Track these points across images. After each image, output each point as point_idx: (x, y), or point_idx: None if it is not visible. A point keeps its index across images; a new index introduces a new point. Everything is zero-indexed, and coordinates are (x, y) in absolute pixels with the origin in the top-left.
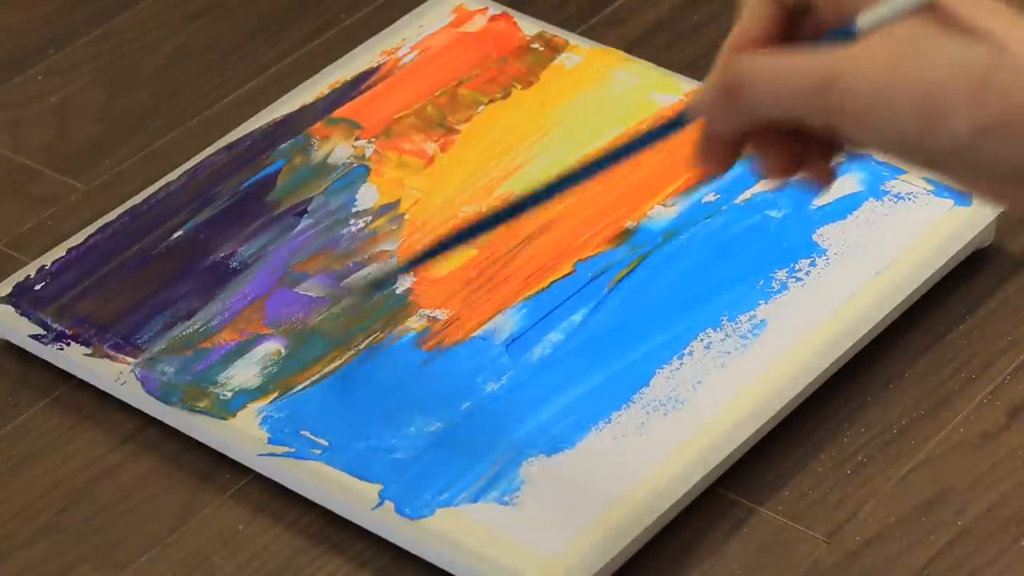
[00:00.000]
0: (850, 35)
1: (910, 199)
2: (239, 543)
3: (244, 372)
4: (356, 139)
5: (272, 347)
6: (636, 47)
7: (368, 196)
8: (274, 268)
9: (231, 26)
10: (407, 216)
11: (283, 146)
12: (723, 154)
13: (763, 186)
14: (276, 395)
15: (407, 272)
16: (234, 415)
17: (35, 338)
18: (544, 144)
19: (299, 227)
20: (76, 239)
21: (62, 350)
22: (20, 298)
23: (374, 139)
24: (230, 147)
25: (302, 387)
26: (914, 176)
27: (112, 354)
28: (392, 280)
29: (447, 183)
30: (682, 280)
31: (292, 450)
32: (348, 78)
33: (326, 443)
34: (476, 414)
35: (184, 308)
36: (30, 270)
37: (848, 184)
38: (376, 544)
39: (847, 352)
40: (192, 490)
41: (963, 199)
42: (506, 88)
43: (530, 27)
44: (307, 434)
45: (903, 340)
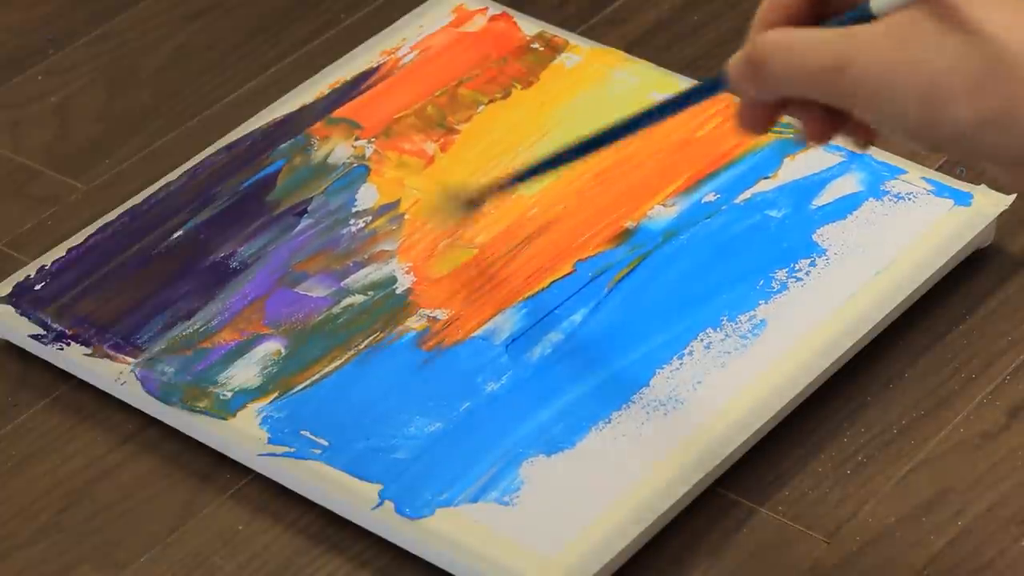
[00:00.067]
0: (864, 16)
1: (910, 199)
2: (239, 543)
3: (244, 372)
4: (356, 139)
5: (272, 347)
6: (636, 47)
7: (368, 196)
8: (274, 268)
9: (231, 26)
10: (407, 216)
11: (283, 146)
12: (762, 118)
13: (765, 184)
14: (276, 395)
15: (512, 186)
16: (234, 415)
17: (35, 338)
18: (544, 144)
19: (299, 227)
20: (76, 239)
21: (62, 350)
22: (20, 298)
23: (374, 139)
24: (230, 147)
25: (302, 387)
26: (914, 176)
27: (112, 354)
28: (483, 200)
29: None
30: (682, 280)
31: (292, 450)
32: (348, 78)
33: (326, 443)
34: (476, 414)
35: (184, 308)
36: (30, 270)
37: (848, 184)
38: (376, 544)
39: (847, 352)
40: (192, 490)
41: (963, 199)
42: (506, 88)
43: (530, 27)
44: (307, 434)
45: (903, 340)
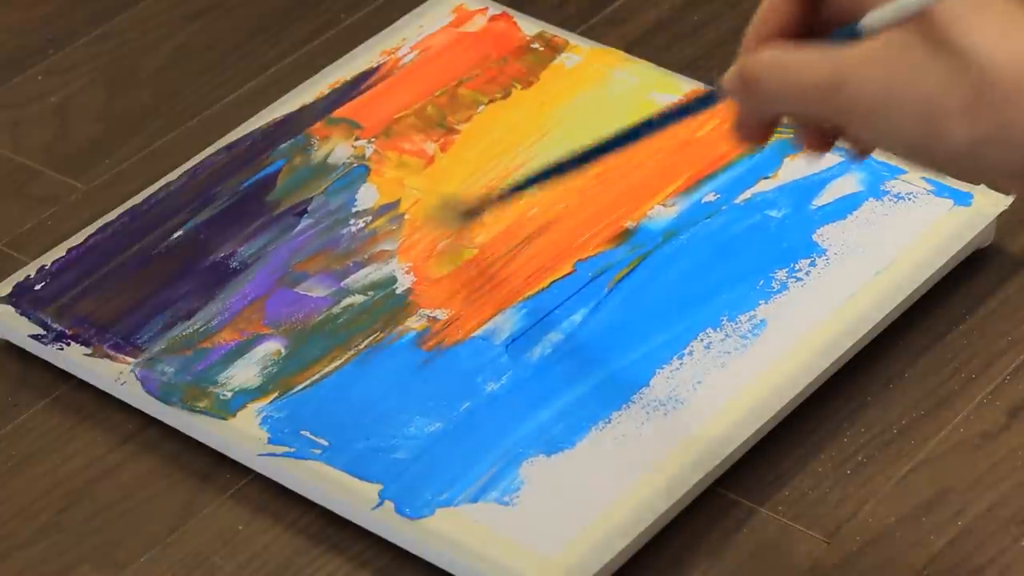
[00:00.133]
0: (856, 34)
1: (910, 199)
2: (239, 543)
3: (244, 372)
4: (356, 139)
5: (272, 347)
6: (636, 47)
7: (368, 196)
8: (274, 268)
9: (231, 26)
10: (407, 216)
11: (283, 146)
12: (759, 130)
13: (765, 184)
14: (276, 395)
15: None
16: (234, 415)
17: (35, 338)
18: (544, 144)
19: (299, 227)
20: (76, 239)
21: (62, 350)
22: (20, 298)
23: (374, 139)
24: (230, 147)
25: (302, 387)
26: (914, 176)
27: (112, 354)
28: (483, 209)
29: (447, 183)
30: (682, 280)
31: (292, 450)
32: (348, 78)
33: (326, 443)
34: (476, 414)
35: (184, 308)
36: (30, 270)
37: (848, 184)
38: (376, 544)
39: (847, 352)
40: (192, 490)
41: (963, 199)
42: (506, 88)
43: (530, 27)
44: (307, 434)
45: (903, 340)
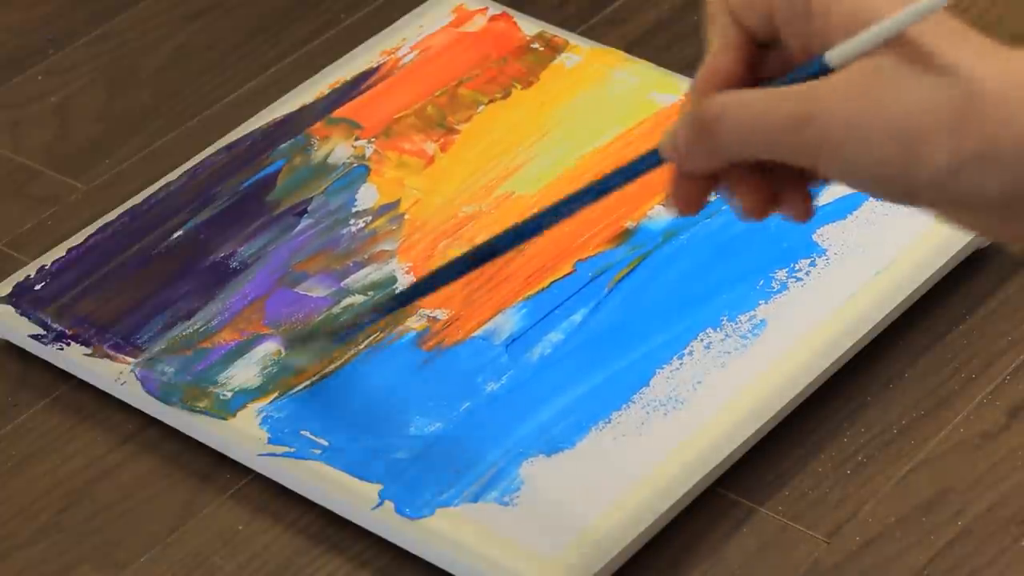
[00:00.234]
0: (821, 70)
1: None
2: (239, 543)
3: (244, 372)
4: (356, 139)
5: (272, 347)
6: (636, 47)
7: (368, 196)
8: (274, 268)
9: (231, 26)
10: (407, 216)
11: (283, 146)
12: (696, 195)
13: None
14: (276, 395)
15: (382, 317)
16: (234, 415)
17: (35, 338)
18: (544, 144)
19: (299, 227)
20: (76, 239)
21: (62, 350)
22: (20, 298)
23: (374, 139)
24: (230, 147)
25: (302, 387)
26: None
27: (112, 354)
28: (364, 323)
29: (447, 183)
30: (682, 280)
31: (292, 450)
32: (348, 78)
33: (326, 443)
34: (476, 414)
35: (184, 308)
36: (30, 270)
37: None
38: (376, 544)
39: (847, 352)
40: (192, 490)
41: None
42: (506, 88)
43: (530, 27)
44: (307, 434)
45: (903, 340)
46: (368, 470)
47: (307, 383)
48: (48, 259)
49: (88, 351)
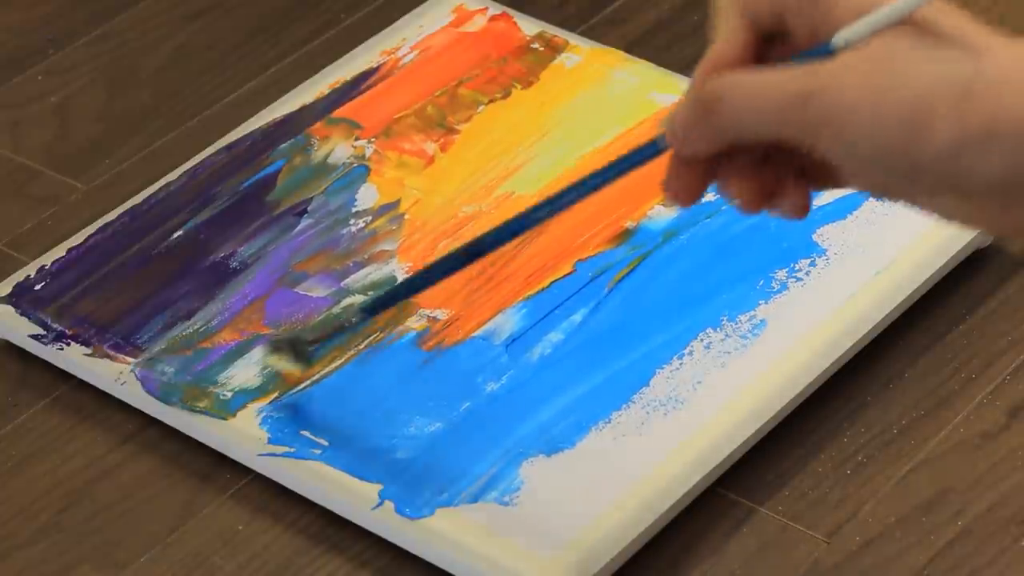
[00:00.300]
0: (827, 53)
1: None
2: (239, 543)
3: (244, 372)
4: (356, 139)
5: None
6: (636, 47)
7: (368, 196)
8: (274, 268)
9: (231, 26)
10: (407, 216)
11: (283, 146)
12: (693, 183)
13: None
14: (276, 395)
15: (371, 316)
16: (234, 415)
17: (35, 338)
18: (544, 144)
19: (299, 227)
20: (76, 239)
21: (62, 350)
22: (20, 298)
23: (374, 139)
24: (230, 147)
25: (302, 387)
26: None
27: (112, 354)
28: (351, 327)
29: (447, 183)
30: (682, 280)
31: (292, 450)
32: (348, 78)
33: (326, 443)
34: (476, 414)
35: (184, 308)
36: (30, 270)
37: None
38: (376, 544)
39: (847, 352)
40: (192, 490)
41: None
42: (506, 88)
43: (530, 27)
44: (307, 434)
45: (903, 340)
46: (368, 470)
47: (307, 383)
48: (48, 259)
49: (88, 351)
